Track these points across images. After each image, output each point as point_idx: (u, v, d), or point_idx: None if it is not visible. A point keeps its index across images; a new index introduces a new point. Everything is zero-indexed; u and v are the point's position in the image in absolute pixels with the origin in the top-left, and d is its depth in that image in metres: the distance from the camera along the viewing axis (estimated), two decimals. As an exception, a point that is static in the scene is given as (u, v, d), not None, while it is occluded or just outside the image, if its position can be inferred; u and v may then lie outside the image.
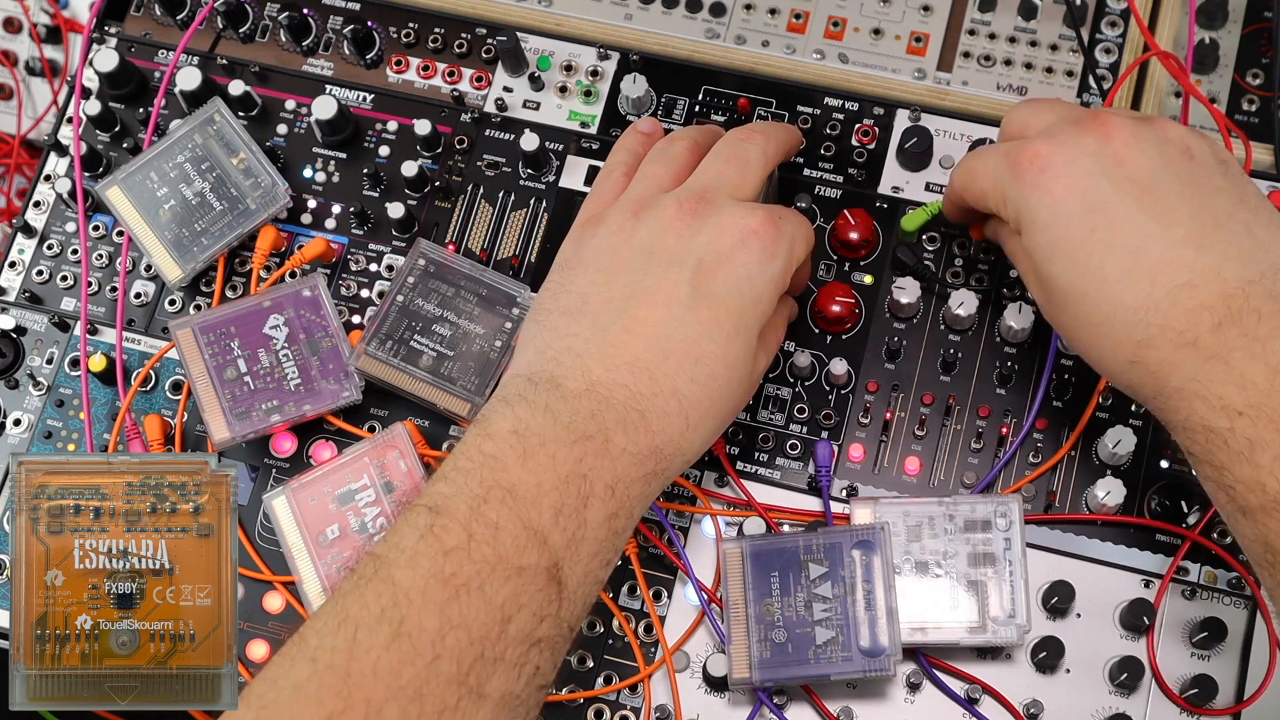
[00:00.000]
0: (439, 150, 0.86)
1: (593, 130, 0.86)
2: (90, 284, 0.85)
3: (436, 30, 0.90)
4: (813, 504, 0.78)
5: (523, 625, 0.54)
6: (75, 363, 0.84)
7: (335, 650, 0.52)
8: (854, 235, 0.80)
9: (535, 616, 0.55)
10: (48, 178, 0.89)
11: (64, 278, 0.86)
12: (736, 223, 0.65)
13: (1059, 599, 0.73)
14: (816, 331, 0.80)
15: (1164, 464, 0.77)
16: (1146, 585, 0.75)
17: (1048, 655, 0.72)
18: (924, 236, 0.82)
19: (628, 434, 0.60)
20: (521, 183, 0.85)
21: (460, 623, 0.53)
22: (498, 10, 0.92)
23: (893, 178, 0.83)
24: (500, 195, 0.85)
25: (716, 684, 0.74)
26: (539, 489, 0.57)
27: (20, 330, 0.85)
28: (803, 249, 0.69)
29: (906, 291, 0.79)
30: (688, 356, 0.62)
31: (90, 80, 0.89)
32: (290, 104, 0.88)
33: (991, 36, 0.89)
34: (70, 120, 0.88)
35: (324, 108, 0.84)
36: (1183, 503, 0.74)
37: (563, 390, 0.61)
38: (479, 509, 0.56)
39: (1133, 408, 0.77)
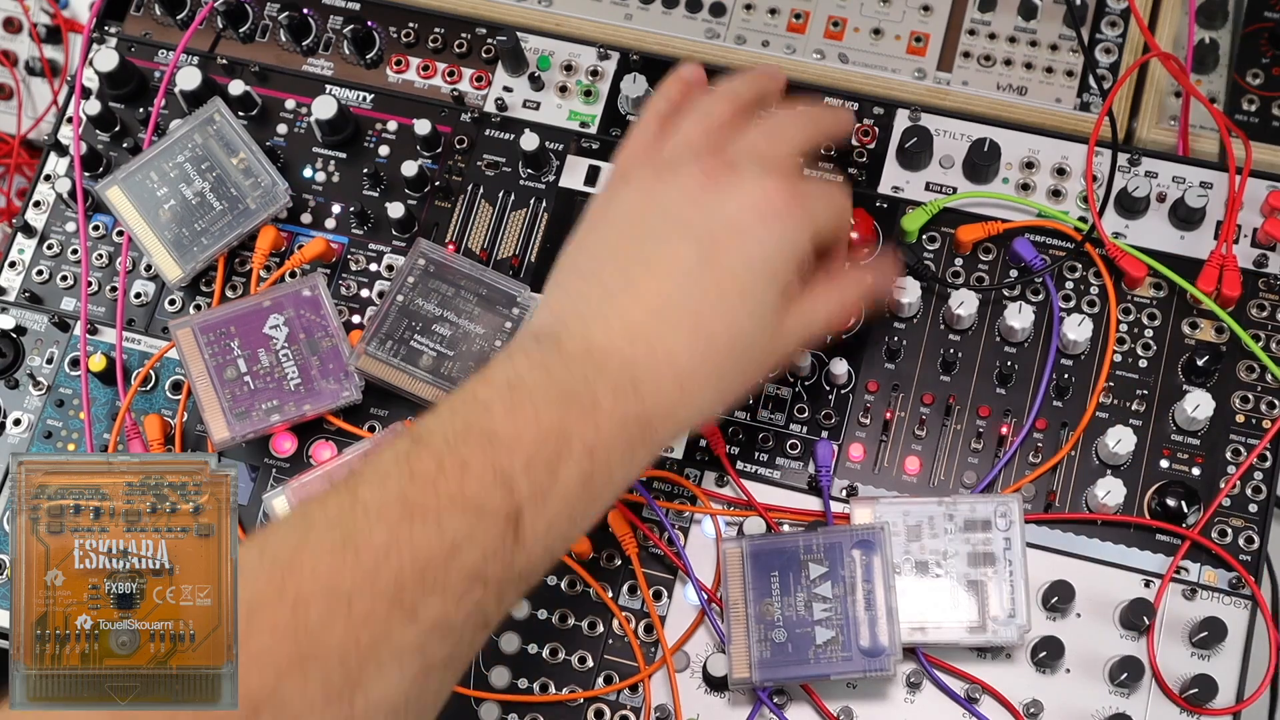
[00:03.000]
0: (439, 150, 0.86)
1: (593, 130, 0.86)
2: (90, 284, 0.85)
3: (436, 30, 0.90)
4: (813, 504, 0.78)
5: (470, 560, 0.55)
6: (75, 363, 0.84)
7: (284, 544, 0.54)
8: (854, 235, 0.80)
9: (485, 555, 0.56)
10: (48, 178, 0.89)
11: (64, 278, 0.86)
12: (755, 193, 0.65)
13: (1059, 599, 0.73)
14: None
15: (1164, 464, 0.77)
16: (1146, 585, 0.75)
17: (1048, 655, 0.72)
18: (924, 236, 0.82)
19: (617, 400, 0.60)
20: (521, 183, 0.85)
21: (408, 543, 0.54)
22: (498, 10, 0.92)
23: (893, 178, 0.83)
24: (500, 195, 0.85)
25: (716, 684, 0.74)
26: (517, 439, 0.58)
27: (20, 330, 0.85)
28: (828, 222, 0.68)
29: (906, 291, 0.79)
30: (686, 325, 0.63)
31: (90, 80, 0.89)
32: (290, 104, 0.88)
33: (991, 36, 0.89)
34: (70, 120, 0.88)
35: (324, 108, 0.84)
36: (1183, 503, 0.74)
37: (562, 350, 0.62)
38: (455, 445, 0.57)
39: (1133, 407, 0.78)
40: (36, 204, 0.88)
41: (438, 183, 0.85)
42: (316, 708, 0.51)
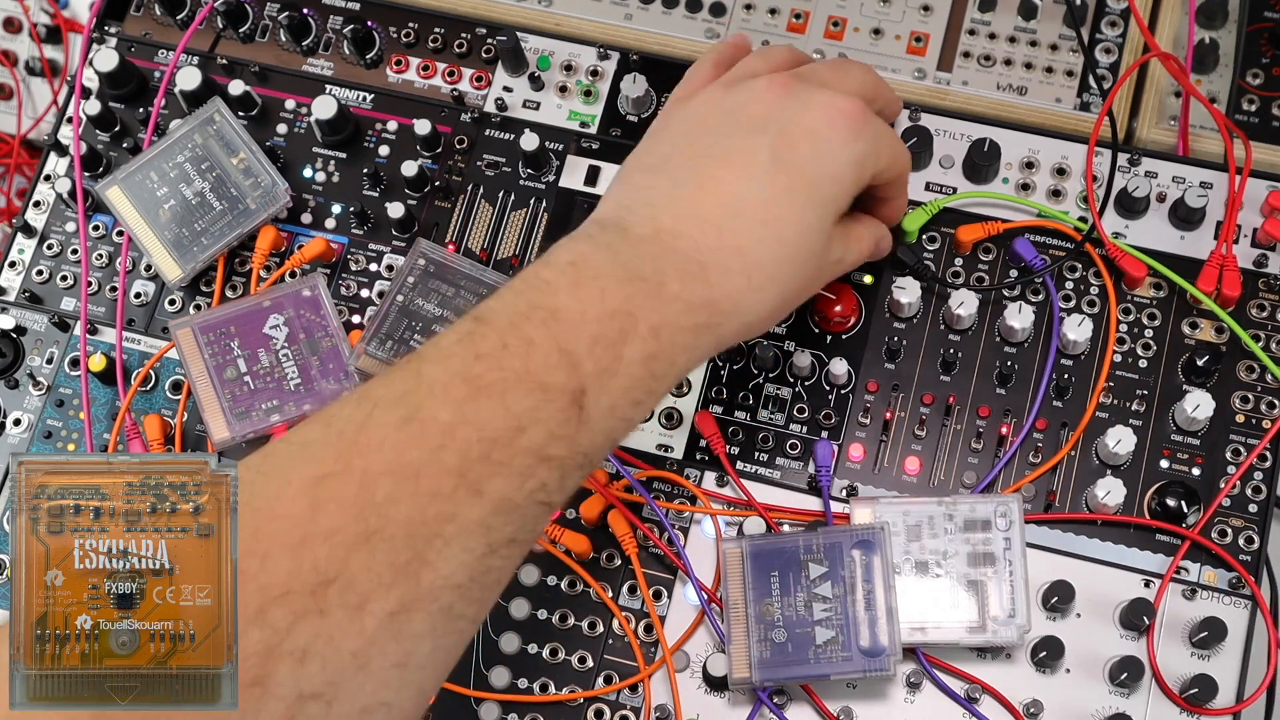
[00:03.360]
0: (439, 150, 0.86)
1: (593, 130, 0.86)
2: (90, 284, 0.85)
3: (436, 30, 0.90)
4: (813, 504, 0.78)
5: (535, 438, 0.55)
6: (75, 363, 0.84)
7: (349, 420, 0.54)
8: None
9: (550, 434, 0.55)
10: (48, 178, 0.89)
11: (64, 278, 0.86)
12: (826, 100, 0.66)
13: (1059, 599, 0.73)
14: (816, 331, 0.80)
15: (1164, 464, 0.77)
16: (1146, 585, 0.75)
17: (1048, 655, 0.72)
18: (924, 236, 0.82)
19: (684, 282, 0.60)
20: (521, 183, 0.85)
21: (474, 420, 0.54)
22: (498, 10, 0.92)
23: (893, 178, 0.83)
24: (500, 195, 0.85)
25: (716, 684, 0.74)
26: (582, 317, 0.57)
27: (20, 330, 0.85)
28: (889, 154, 0.69)
29: (906, 291, 0.79)
30: (757, 217, 0.63)
31: (90, 80, 0.89)
32: (290, 104, 0.88)
33: (991, 36, 0.89)
34: (70, 120, 0.88)
35: (324, 108, 0.84)
36: (1183, 503, 0.74)
37: (628, 234, 0.62)
38: (519, 324, 0.57)
39: (1133, 407, 0.78)
40: (36, 204, 0.88)
41: (438, 183, 0.85)
42: (384, 582, 0.51)
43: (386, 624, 0.51)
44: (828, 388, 0.79)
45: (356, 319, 0.84)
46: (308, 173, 0.87)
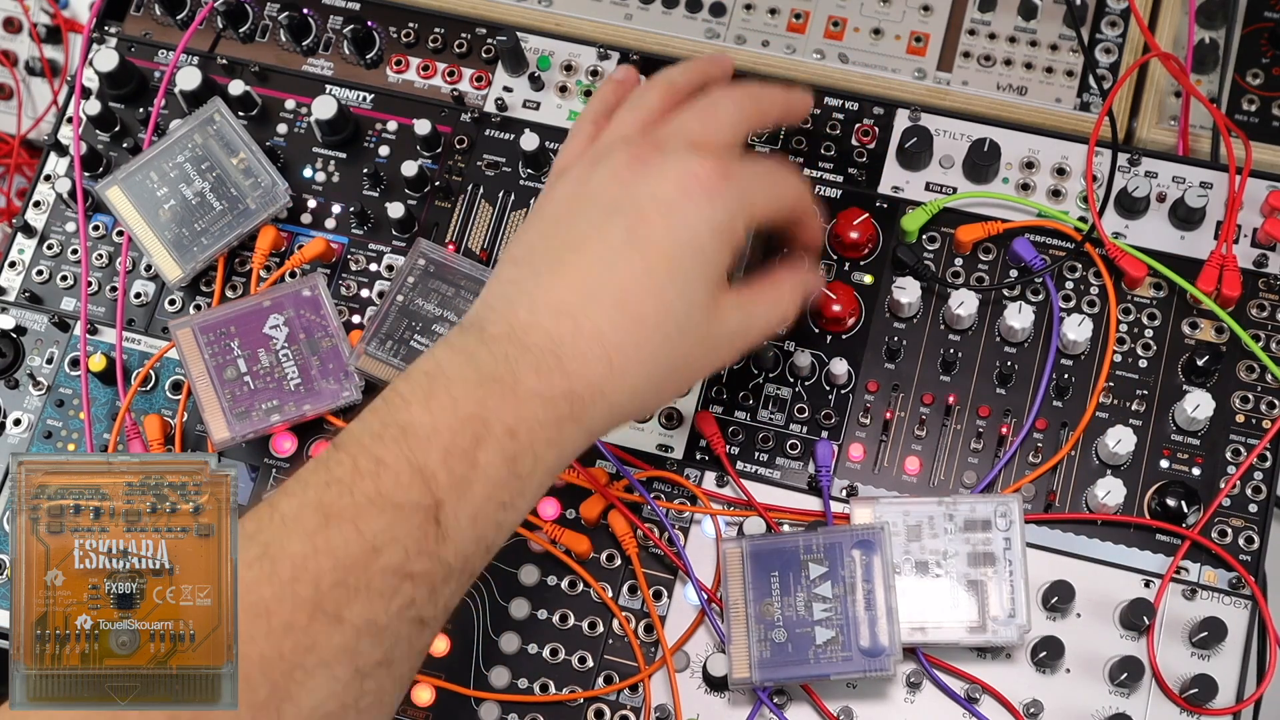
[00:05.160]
0: (439, 150, 0.86)
1: (593, 130, 0.86)
2: (90, 284, 0.85)
3: (436, 30, 0.90)
4: (813, 504, 0.78)
5: (393, 558, 0.55)
6: (75, 363, 0.84)
7: None
8: (854, 235, 0.80)
9: (407, 552, 0.55)
10: (48, 178, 0.89)
11: (64, 278, 0.86)
12: (681, 169, 0.64)
13: (1059, 599, 0.73)
14: (816, 331, 0.80)
15: (1164, 464, 0.77)
16: (1146, 585, 0.75)
17: (1048, 655, 0.72)
18: (924, 236, 0.82)
19: (540, 376, 0.59)
20: (521, 183, 0.85)
21: (326, 549, 0.54)
22: (498, 10, 0.92)
23: (893, 178, 0.83)
24: (500, 195, 0.85)
25: (716, 684, 0.74)
26: (433, 429, 0.57)
27: (20, 330, 0.85)
28: (763, 200, 0.67)
29: (906, 291, 0.79)
30: (613, 301, 0.62)
31: (90, 80, 0.89)
32: (290, 104, 0.88)
33: (991, 36, 0.89)
34: (70, 120, 0.88)
35: (324, 108, 0.84)
36: (1183, 503, 0.74)
37: (484, 334, 0.61)
38: (370, 445, 0.57)
39: (1133, 407, 0.78)
40: (36, 204, 0.88)
41: (438, 183, 0.85)
42: None
43: None
44: (828, 388, 0.79)
45: (356, 319, 0.84)
46: (308, 173, 0.87)
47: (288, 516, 0.55)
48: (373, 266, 0.85)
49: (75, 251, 0.86)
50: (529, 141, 0.83)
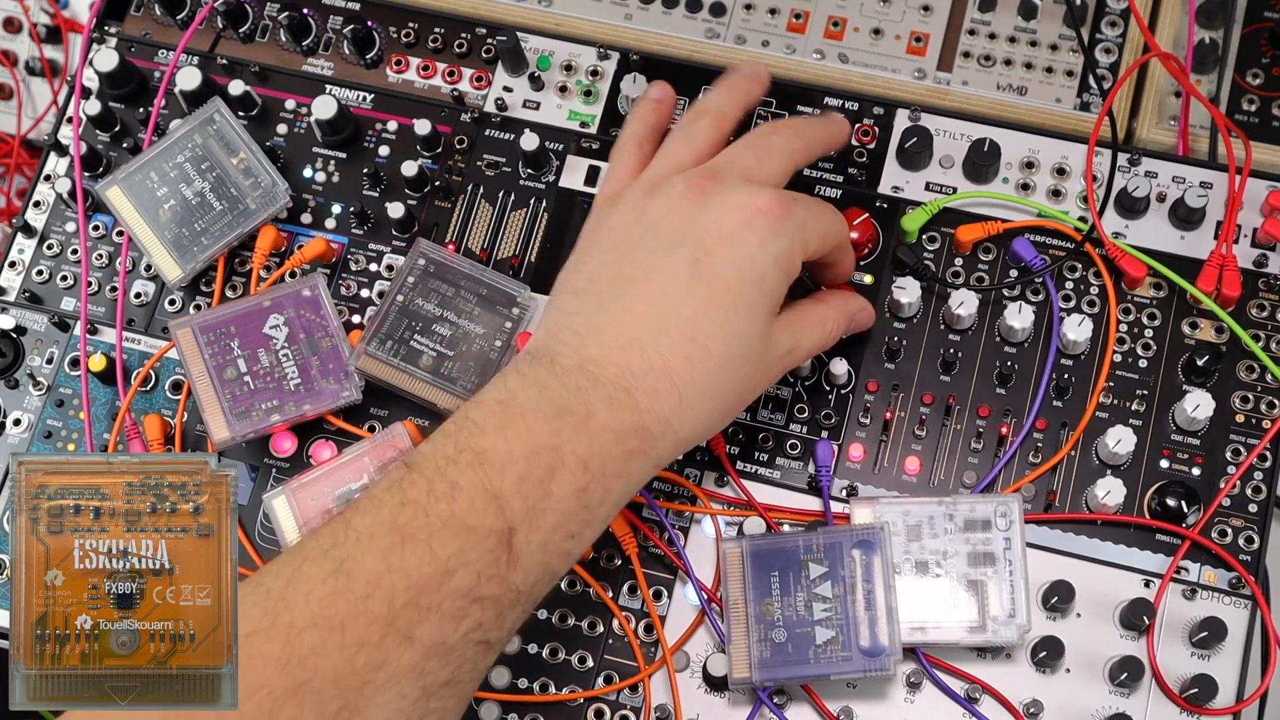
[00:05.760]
0: (439, 150, 0.86)
1: (593, 130, 0.86)
2: (90, 284, 0.85)
3: (436, 30, 0.90)
4: (813, 504, 0.78)
5: (464, 581, 0.56)
6: (75, 363, 0.84)
7: (277, 577, 0.55)
8: (854, 235, 0.80)
9: (479, 575, 0.56)
10: (48, 178, 0.89)
11: (64, 278, 0.86)
12: (742, 201, 0.65)
13: (1059, 599, 0.73)
14: (816, 331, 0.80)
15: (1164, 464, 0.77)
16: (1146, 585, 0.75)
17: (1048, 655, 0.72)
18: (924, 236, 0.82)
19: (612, 410, 0.60)
20: (521, 183, 0.85)
21: (400, 569, 0.55)
22: (498, 10, 0.92)
23: (893, 178, 0.83)
24: (500, 195, 0.85)
25: (716, 684, 0.74)
26: (508, 456, 0.58)
27: (20, 330, 0.85)
28: (817, 235, 0.68)
29: (906, 291, 0.79)
30: (682, 334, 0.63)
31: (90, 80, 0.89)
32: (290, 104, 0.88)
33: (991, 36, 0.89)
34: (70, 120, 0.88)
35: (324, 107, 0.84)
36: (1183, 503, 0.74)
37: (556, 366, 0.62)
38: (445, 468, 0.58)
39: (1133, 407, 0.78)
40: (36, 204, 0.88)
41: (438, 183, 0.85)
42: None
43: None
44: (828, 388, 0.79)
45: (356, 319, 0.84)
46: (308, 173, 0.87)
47: (363, 534, 0.56)
48: (373, 266, 0.85)
49: (75, 251, 0.86)
50: (529, 141, 0.83)
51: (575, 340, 0.63)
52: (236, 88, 0.86)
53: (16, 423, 0.84)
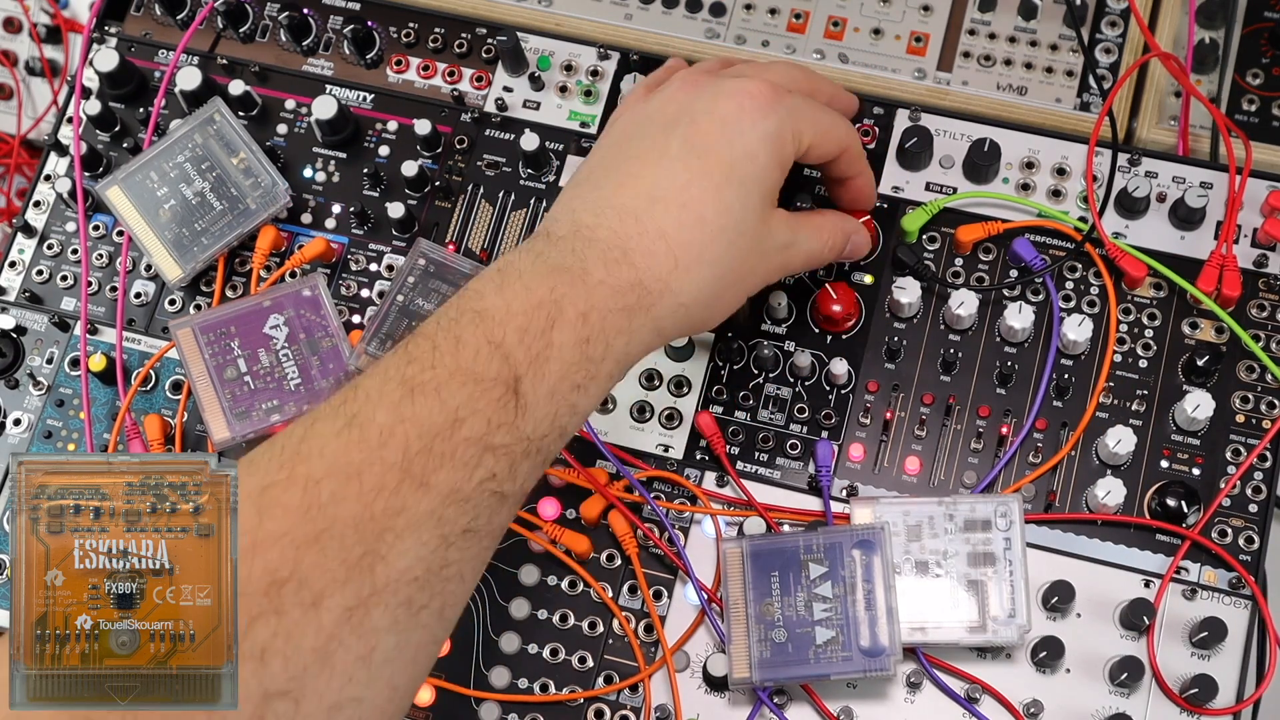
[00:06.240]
0: (439, 150, 0.86)
1: (593, 130, 0.86)
2: (90, 284, 0.85)
3: (436, 30, 0.90)
4: (813, 504, 0.78)
5: (475, 428, 0.57)
6: (75, 363, 0.84)
7: (291, 435, 0.56)
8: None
9: (489, 423, 0.57)
10: (48, 178, 0.89)
11: (64, 277, 0.86)
12: (735, 86, 0.68)
13: (1059, 599, 0.73)
14: (816, 331, 0.80)
15: (1164, 464, 0.77)
16: (1146, 585, 0.75)
17: (1048, 655, 0.72)
18: (924, 236, 0.82)
19: (608, 268, 0.62)
20: (521, 183, 0.85)
21: (411, 418, 0.56)
22: (498, 10, 0.92)
23: (893, 178, 0.83)
24: (500, 195, 0.85)
25: (716, 684, 0.74)
26: (508, 312, 0.60)
27: (20, 330, 0.85)
28: (810, 125, 0.70)
29: (906, 291, 0.79)
30: (674, 201, 0.65)
31: (90, 80, 0.89)
32: (290, 104, 0.88)
33: (991, 36, 0.89)
34: (70, 120, 0.88)
35: (324, 108, 0.84)
36: (1183, 503, 0.74)
37: (550, 237, 0.64)
38: (448, 327, 0.59)
39: (1133, 407, 0.78)
40: (36, 204, 0.88)
41: (438, 183, 0.85)
42: (338, 579, 0.53)
43: (344, 619, 0.53)
44: (828, 388, 0.79)
45: (356, 319, 0.84)
46: (308, 173, 0.87)
47: (372, 392, 0.57)
48: (373, 266, 0.85)
49: (75, 251, 0.86)
50: (529, 141, 0.83)
51: (569, 215, 0.65)
52: (236, 88, 0.86)
53: (16, 423, 0.84)
